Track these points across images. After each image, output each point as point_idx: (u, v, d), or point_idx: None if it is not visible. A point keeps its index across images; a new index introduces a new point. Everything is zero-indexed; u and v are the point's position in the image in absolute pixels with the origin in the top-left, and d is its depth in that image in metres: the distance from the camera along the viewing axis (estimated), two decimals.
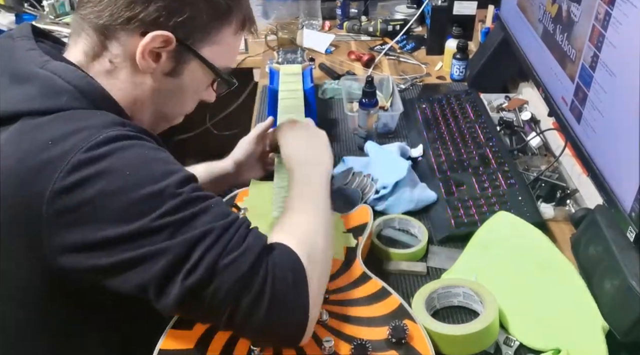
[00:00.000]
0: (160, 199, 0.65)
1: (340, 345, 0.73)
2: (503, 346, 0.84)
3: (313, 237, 0.75)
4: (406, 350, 0.73)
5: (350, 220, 0.95)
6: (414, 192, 1.10)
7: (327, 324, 0.76)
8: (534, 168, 1.19)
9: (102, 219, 0.64)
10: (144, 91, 0.78)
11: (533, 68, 1.19)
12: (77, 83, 0.71)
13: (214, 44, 0.78)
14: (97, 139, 0.66)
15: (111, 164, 0.65)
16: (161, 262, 0.63)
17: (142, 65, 0.74)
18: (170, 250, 0.63)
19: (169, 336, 0.73)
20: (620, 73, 0.81)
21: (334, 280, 0.83)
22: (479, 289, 0.87)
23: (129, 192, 0.64)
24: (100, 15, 0.73)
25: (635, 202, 0.78)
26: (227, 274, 0.64)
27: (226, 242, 0.66)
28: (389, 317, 0.77)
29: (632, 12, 0.78)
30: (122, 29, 0.73)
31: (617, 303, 0.81)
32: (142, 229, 0.64)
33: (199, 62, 0.77)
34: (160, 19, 0.72)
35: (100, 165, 0.64)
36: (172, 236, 0.64)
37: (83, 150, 0.64)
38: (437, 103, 1.41)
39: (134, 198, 0.64)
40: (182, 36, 0.74)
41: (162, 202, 0.65)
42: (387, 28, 1.86)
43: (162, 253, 0.63)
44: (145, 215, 0.64)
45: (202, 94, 0.85)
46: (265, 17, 2.00)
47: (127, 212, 0.64)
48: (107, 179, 0.64)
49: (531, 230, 0.98)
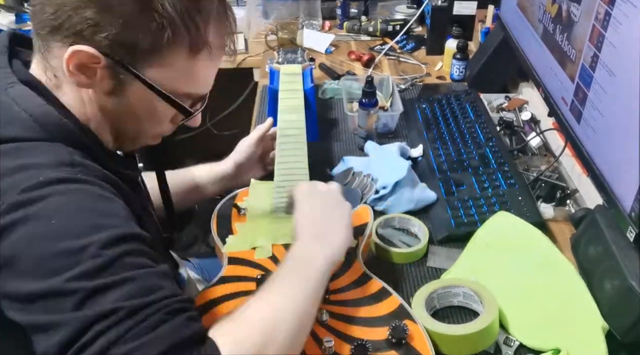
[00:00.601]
0: (77, 257, 0.58)
1: (341, 345, 0.73)
2: (503, 346, 0.84)
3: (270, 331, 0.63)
4: (406, 350, 0.73)
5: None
6: (414, 192, 1.10)
7: (327, 324, 0.76)
8: (534, 168, 1.19)
9: (21, 270, 0.59)
10: (93, 108, 0.72)
11: (533, 68, 1.19)
12: (32, 111, 0.67)
13: (162, 66, 0.70)
14: (35, 180, 0.62)
15: (40, 209, 0.60)
16: (60, 334, 0.56)
17: (76, 80, 0.69)
18: (70, 323, 0.56)
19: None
20: (620, 73, 0.81)
21: (334, 280, 0.83)
22: (479, 289, 0.87)
23: (48, 243, 0.59)
24: (37, 25, 0.69)
25: (635, 202, 0.78)
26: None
27: (127, 328, 0.56)
28: (389, 317, 0.77)
29: (632, 12, 0.78)
30: (52, 40, 0.68)
31: (617, 303, 0.81)
32: (53, 289, 0.58)
33: (141, 84, 0.70)
34: (84, 33, 0.66)
35: (30, 210, 0.60)
36: (77, 307, 0.57)
37: (17, 192, 0.61)
38: (437, 103, 1.41)
39: (51, 251, 0.59)
40: (112, 53, 0.67)
41: (79, 261, 0.58)
42: (387, 28, 1.85)
43: (64, 325, 0.57)
44: (59, 273, 0.58)
45: (170, 117, 0.77)
46: (265, 17, 2.00)
47: (43, 266, 0.59)
48: (32, 225, 0.60)
49: (531, 230, 0.98)
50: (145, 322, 0.57)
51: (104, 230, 0.61)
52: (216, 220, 0.94)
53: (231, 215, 0.94)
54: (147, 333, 0.56)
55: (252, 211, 0.97)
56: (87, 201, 0.63)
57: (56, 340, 0.56)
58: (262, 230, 0.89)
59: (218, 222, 0.94)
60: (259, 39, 1.89)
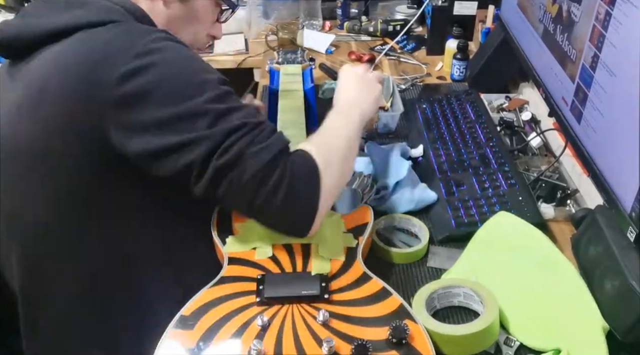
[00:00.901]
0: (207, 86, 0.79)
1: (341, 345, 0.73)
2: (503, 346, 0.84)
3: (333, 144, 0.87)
4: (407, 350, 0.73)
5: (351, 220, 0.95)
6: (414, 193, 1.10)
7: (328, 324, 0.76)
8: (534, 168, 1.19)
9: (158, 101, 0.76)
10: (162, 18, 0.91)
11: (533, 68, 1.19)
12: (123, 4, 0.86)
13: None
14: (153, 35, 0.80)
15: (167, 55, 0.79)
16: (204, 147, 0.75)
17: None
18: (211, 137, 0.75)
19: (170, 336, 0.74)
20: (621, 73, 0.81)
21: (334, 280, 0.83)
22: (479, 289, 0.87)
23: (179, 78, 0.78)
24: None
25: (635, 202, 0.78)
26: (253, 160, 0.76)
27: (256, 135, 0.78)
28: (389, 317, 0.77)
29: (632, 12, 0.78)
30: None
31: (617, 303, 0.81)
32: (190, 110, 0.76)
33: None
34: None
35: (159, 56, 0.78)
36: (212, 124, 0.76)
37: (142, 43, 0.77)
38: (438, 103, 1.41)
39: (187, 82, 0.78)
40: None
41: (209, 89, 0.78)
42: (388, 28, 1.85)
43: (205, 139, 0.75)
44: (194, 97, 0.76)
45: (210, 27, 1.00)
46: (266, 17, 2.00)
47: (180, 94, 0.77)
48: (161, 67, 0.77)
49: (531, 231, 0.98)
50: (264, 131, 0.80)
51: (215, 73, 0.83)
52: (216, 220, 0.94)
53: (231, 216, 0.95)
54: (268, 138, 0.79)
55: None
56: (192, 53, 0.85)
57: (202, 150, 0.75)
58: (262, 231, 0.90)
59: (218, 223, 0.94)
60: (259, 39, 1.89)
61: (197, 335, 0.74)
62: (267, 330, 0.75)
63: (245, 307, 0.78)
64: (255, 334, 0.74)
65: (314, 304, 0.79)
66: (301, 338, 0.74)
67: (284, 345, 0.73)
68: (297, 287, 0.81)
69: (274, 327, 0.75)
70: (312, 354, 0.72)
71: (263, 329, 0.75)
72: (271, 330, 0.75)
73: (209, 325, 0.75)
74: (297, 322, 0.76)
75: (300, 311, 0.78)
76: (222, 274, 0.84)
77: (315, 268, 0.85)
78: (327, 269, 0.84)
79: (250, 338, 0.73)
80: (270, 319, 0.76)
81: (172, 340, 0.73)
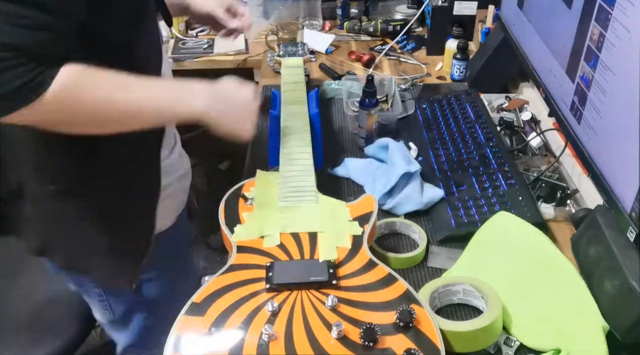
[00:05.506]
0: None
1: (350, 329, 0.74)
2: (503, 346, 0.84)
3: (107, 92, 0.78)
4: (414, 333, 0.75)
5: (356, 209, 0.96)
6: (423, 195, 1.09)
7: (337, 309, 0.78)
8: (534, 168, 1.19)
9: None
10: None
11: (533, 68, 1.19)
12: None
13: None
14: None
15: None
16: None
17: None
18: None
19: (182, 322, 0.75)
20: (621, 73, 0.81)
21: (341, 266, 0.85)
22: (479, 284, 0.87)
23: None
24: None
25: (635, 202, 0.78)
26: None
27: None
28: (396, 301, 0.79)
29: (632, 12, 0.78)
30: None
31: (618, 303, 0.81)
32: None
33: None
34: None
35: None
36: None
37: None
38: (438, 103, 1.41)
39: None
40: None
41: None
42: (388, 28, 1.85)
43: None
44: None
45: None
46: (266, 17, 2.00)
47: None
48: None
49: (531, 231, 0.98)
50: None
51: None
52: (224, 210, 0.95)
53: (238, 205, 0.96)
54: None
55: (259, 200, 0.98)
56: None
57: None
58: (269, 219, 0.91)
59: (226, 212, 0.95)
60: (260, 39, 1.89)
61: (209, 321, 0.75)
62: (278, 316, 0.76)
63: (255, 293, 0.80)
64: (266, 320, 0.76)
65: (323, 290, 0.80)
66: (311, 323, 0.76)
67: (295, 330, 0.74)
68: (305, 274, 0.82)
69: (284, 312, 0.77)
70: (322, 337, 0.74)
71: (273, 314, 0.76)
72: (281, 315, 0.76)
73: (221, 312, 0.76)
74: (306, 308, 0.78)
75: (309, 297, 0.80)
76: (231, 262, 0.86)
77: (322, 255, 0.86)
78: (335, 256, 0.85)
79: (261, 323, 0.75)
80: (280, 304, 0.78)
81: (184, 326, 0.75)
